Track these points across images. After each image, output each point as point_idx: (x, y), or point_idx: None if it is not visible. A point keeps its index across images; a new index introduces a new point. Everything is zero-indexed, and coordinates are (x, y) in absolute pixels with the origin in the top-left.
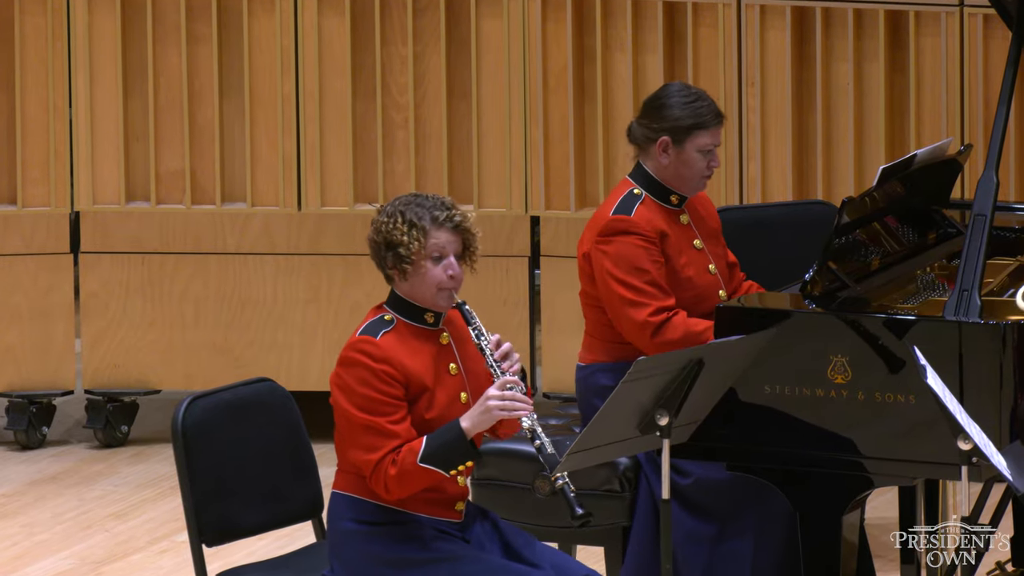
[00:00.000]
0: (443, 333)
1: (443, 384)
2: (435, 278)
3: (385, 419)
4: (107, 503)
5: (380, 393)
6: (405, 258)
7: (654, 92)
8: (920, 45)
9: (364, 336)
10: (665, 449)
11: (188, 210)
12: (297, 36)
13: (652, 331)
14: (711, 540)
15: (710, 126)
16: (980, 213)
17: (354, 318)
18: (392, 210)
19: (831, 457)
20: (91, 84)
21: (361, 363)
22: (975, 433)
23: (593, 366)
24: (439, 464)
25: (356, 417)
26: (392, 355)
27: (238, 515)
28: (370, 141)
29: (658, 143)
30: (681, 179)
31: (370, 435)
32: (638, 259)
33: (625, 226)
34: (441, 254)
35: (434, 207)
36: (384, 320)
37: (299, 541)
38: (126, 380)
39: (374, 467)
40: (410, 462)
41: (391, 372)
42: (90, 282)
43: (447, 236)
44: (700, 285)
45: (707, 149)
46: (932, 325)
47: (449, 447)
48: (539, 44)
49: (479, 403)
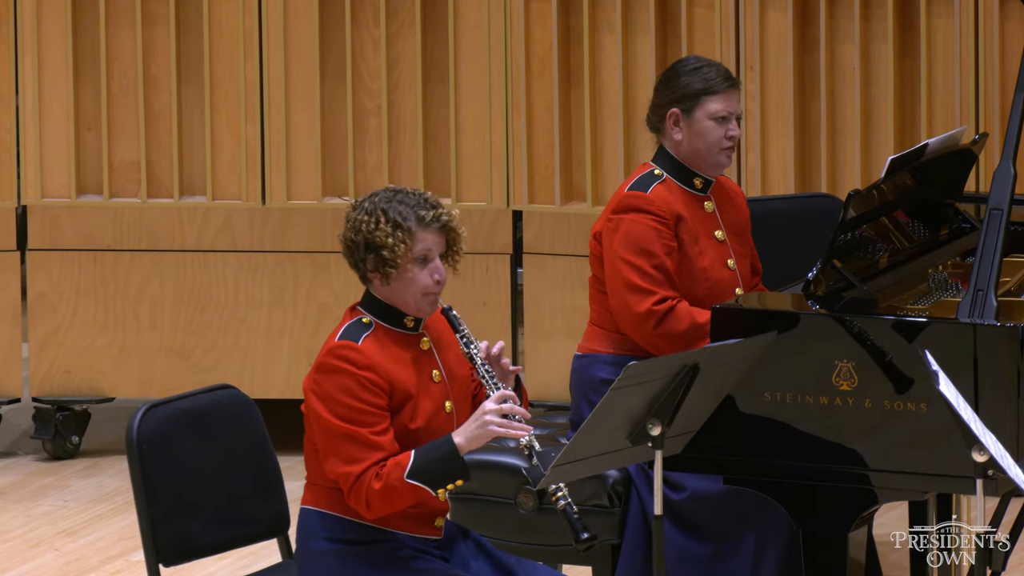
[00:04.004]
0: (423, 338)
1: (427, 392)
2: (421, 283)
3: (368, 429)
4: (56, 519)
5: (363, 403)
6: (389, 261)
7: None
8: (932, 26)
9: (345, 341)
10: (658, 461)
11: (143, 204)
12: (261, 16)
13: (655, 321)
14: (706, 560)
15: (719, 90)
16: (996, 207)
17: (322, 320)
18: (372, 207)
19: (836, 470)
20: (39, 69)
21: (343, 370)
22: (991, 444)
23: (592, 356)
24: (427, 481)
25: (336, 427)
26: (376, 362)
27: (198, 533)
28: (340, 130)
29: (668, 117)
30: (698, 155)
31: (351, 446)
32: (648, 240)
33: (639, 203)
34: (427, 256)
35: (418, 205)
36: (362, 323)
37: (263, 560)
38: (77, 387)
39: (355, 480)
40: (396, 477)
41: (375, 380)
42: (38, 282)
43: (434, 237)
44: (715, 279)
45: (720, 116)
46: (945, 327)
47: (440, 464)
48: (522, 25)
49: (474, 418)
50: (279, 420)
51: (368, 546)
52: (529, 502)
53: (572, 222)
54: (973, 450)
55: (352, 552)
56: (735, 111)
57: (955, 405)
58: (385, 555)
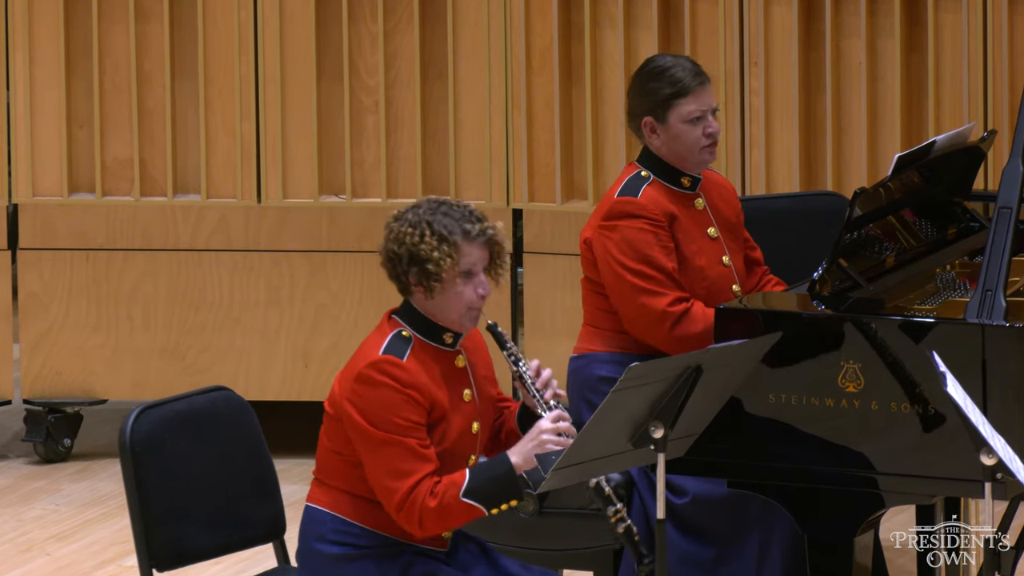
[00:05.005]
0: (459, 355)
1: (458, 411)
2: (466, 298)
3: (416, 441)
4: (48, 524)
5: (406, 420)
6: (434, 275)
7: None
8: (939, 21)
9: (390, 356)
10: (660, 464)
11: (137, 202)
12: (256, 11)
13: (672, 322)
14: (709, 564)
15: (689, 90)
16: (1005, 205)
17: (319, 321)
18: (416, 219)
19: (842, 473)
20: (30, 64)
21: (388, 386)
22: (999, 446)
23: (589, 356)
24: (482, 500)
25: (381, 437)
26: (420, 380)
27: (192, 537)
28: (336, 127)
29: (644, 126)
30: (680, 157)
31: (401, 458)
32: (647, 245)
33: (631, 209)
34: (472, 271)
35: (464, 219)
36: (403, 337)
37: (259, 565)
38: (69, 389)
39: (406, 497)
40: (452, 495)
41: (418, 399)
42: (29, 281)
43: (479, 252)
44: (712, 277)
45: (694, 117)
46: (952, 328)
47: (496, 483)
48: (522, 20)
49: (530, 437)
50: (275, 422)
51: (373, 552)
52: (530, 506)
53: (573, 221)
54: (981, 453)
55: (357, 556)
56: (709, 106)
57: (963, 407)
58: (390, 562)
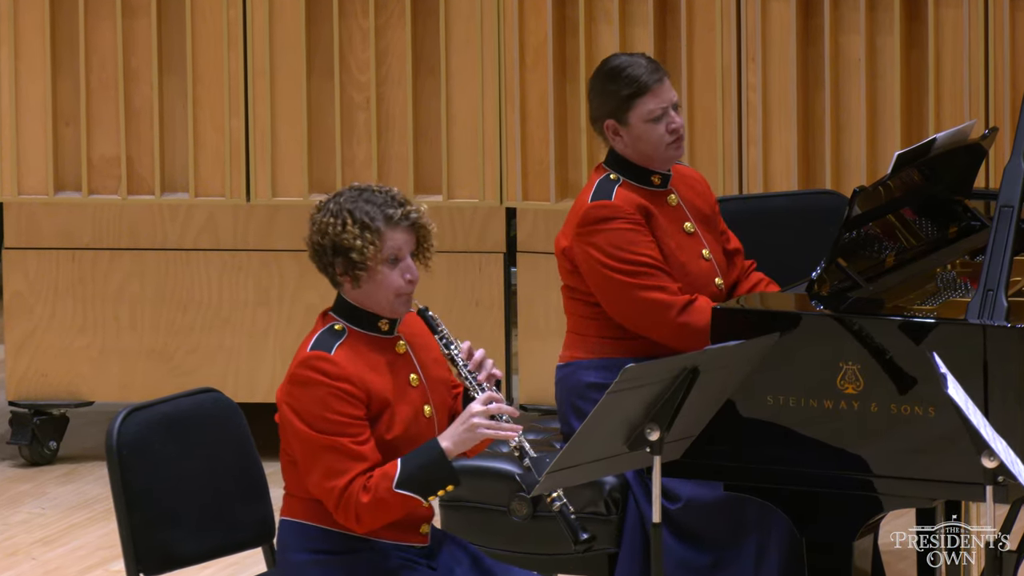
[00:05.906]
0: (399, 341)
1: (405, 398)
2: (393, 284)
3: (349, 439)
4: (33, 528)
5: (340, 415)
6: (359, 264)
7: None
8: (940, 16)
9: (317, 352)
10: (656, 467)
11: (124, 201)
12: (245, 7)
13: (677, 310)
14: (706, 569)
15: (647, 88)
16: (1007, 204)
17: (308, 321)
18: (337, 208)
19: (841, 476)
20: (15, 61)
21: (317, 382)
22: (1001, 449)
23: (574, 364)
24: (417, 489)
25: (315, 439)
26: (351, 371)
27: (180, 541)
28: (327, 124)
29: (606, 129)
30: (646, 157)
31: (332, 458)
32: (632, 243)
33: (606, 212)
34: (397, 256)
35: (386, 204)
36: (335, 331)
37: (248, 569)
38: (54, 391)
39: (340, 494)
40: (385, 488)
41: (351, 391)
42: (14, 281)
43: (403, 236)
44: (693, 273)
45: (655, 115)
46: (953, 329)
47: (428, 470)
48: (515, 15)
49: (460, 420)
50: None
51: (349, 556)
52: (523, 509)
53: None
54: (983, 455)
55: (333, 563)
56: (670, 102)
57: (964, 409)
58: (367, 565)
